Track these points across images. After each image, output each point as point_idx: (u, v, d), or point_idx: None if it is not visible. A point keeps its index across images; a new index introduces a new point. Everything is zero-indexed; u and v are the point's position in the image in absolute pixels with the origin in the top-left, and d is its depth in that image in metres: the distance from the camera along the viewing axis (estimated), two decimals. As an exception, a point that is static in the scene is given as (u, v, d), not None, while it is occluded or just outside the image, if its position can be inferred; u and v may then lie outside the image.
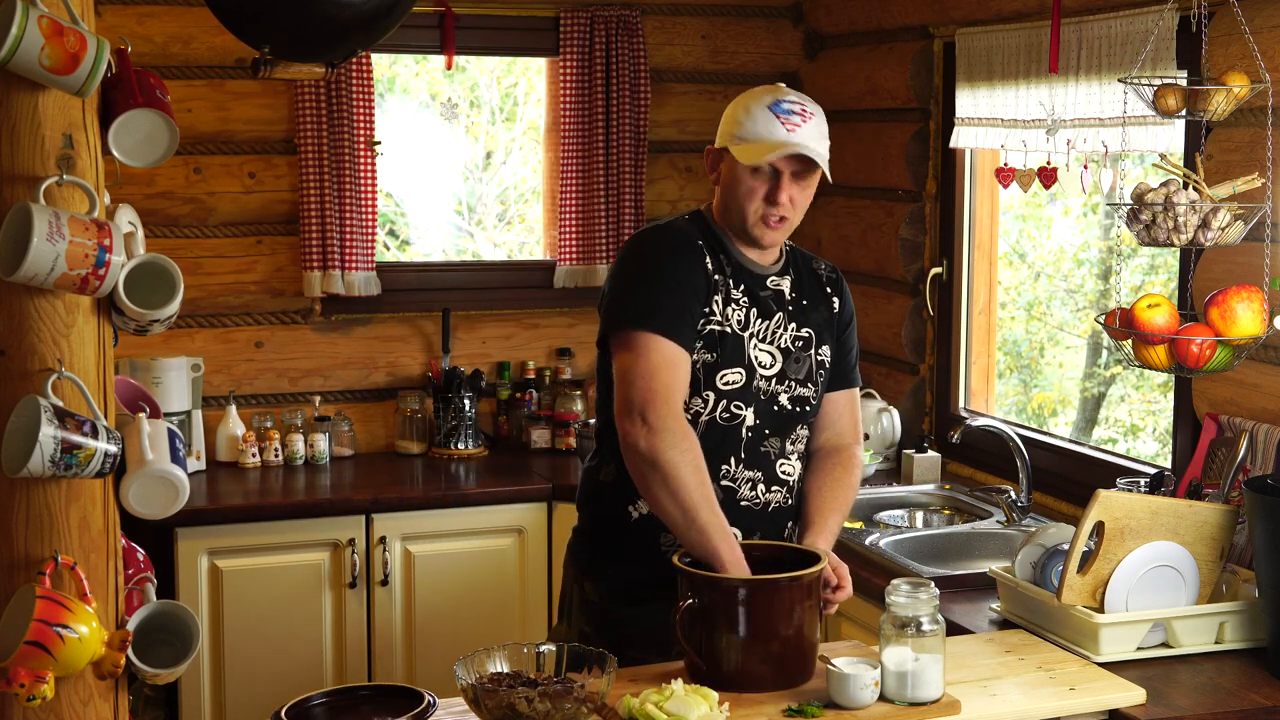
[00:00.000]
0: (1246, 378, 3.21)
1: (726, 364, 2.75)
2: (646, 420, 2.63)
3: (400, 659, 4.30)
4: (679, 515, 2.62)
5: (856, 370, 2.98)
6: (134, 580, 2.29)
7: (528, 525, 4.38)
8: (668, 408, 2.64)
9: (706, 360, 2.74)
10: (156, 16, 4.51)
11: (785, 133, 2.71)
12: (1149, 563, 2.84)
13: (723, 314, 2.76)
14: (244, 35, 2.36)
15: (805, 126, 2.73)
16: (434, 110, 6.13)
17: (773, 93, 2.77)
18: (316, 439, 4.58)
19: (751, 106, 2.74)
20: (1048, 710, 2.57)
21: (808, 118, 2.74)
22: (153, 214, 4.50)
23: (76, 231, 2.02)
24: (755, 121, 2.73)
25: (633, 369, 2.67)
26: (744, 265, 2.81)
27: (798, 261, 2.90)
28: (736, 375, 2.76)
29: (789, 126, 2.71)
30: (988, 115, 4.05)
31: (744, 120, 2.74)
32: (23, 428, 2.03)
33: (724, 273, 2.78)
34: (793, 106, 2.73)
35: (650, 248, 2.82)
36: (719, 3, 5.07)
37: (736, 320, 2.77)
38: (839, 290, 2.95)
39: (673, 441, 2.61)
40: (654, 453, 2.61)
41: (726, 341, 2.75)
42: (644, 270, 2.77)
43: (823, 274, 2.94)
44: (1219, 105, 2.97)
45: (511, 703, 2.29)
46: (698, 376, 2.73)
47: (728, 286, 2.77)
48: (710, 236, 2.81)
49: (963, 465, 4.34)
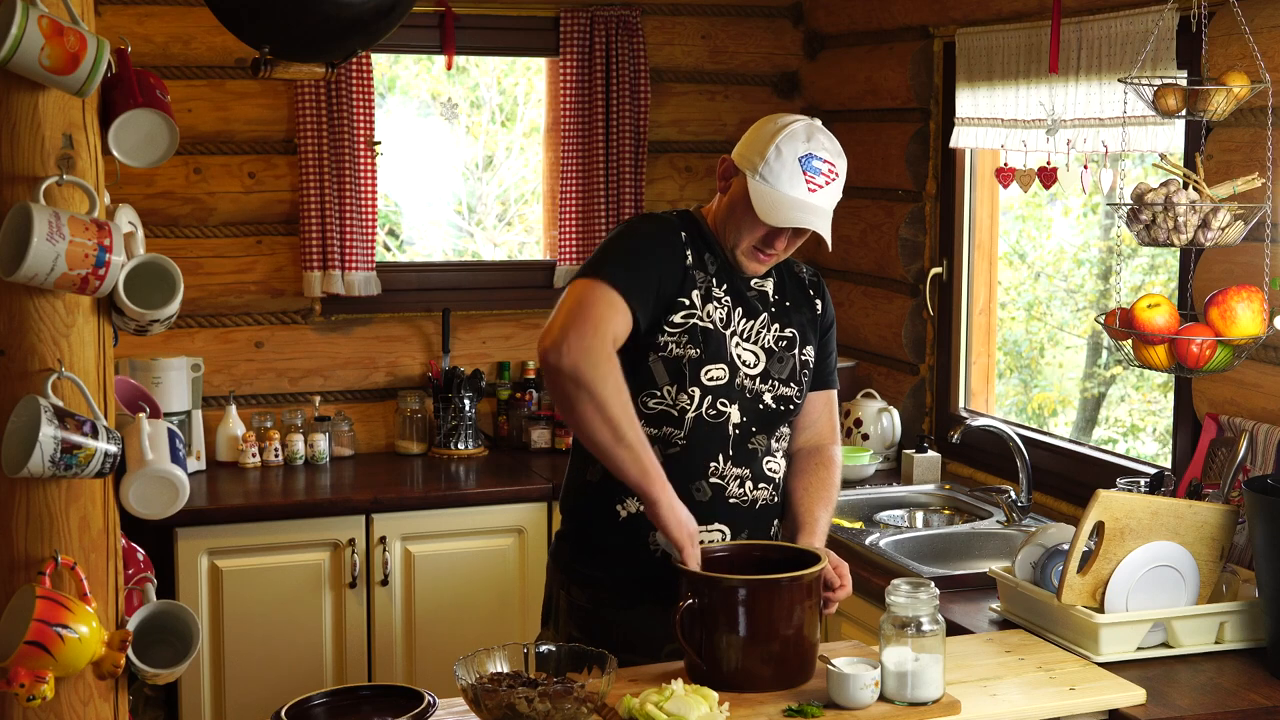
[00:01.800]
0: (1246, 378, 3.21)
1: (710, 360, 2.76)
2: (569, 340, 2.60)
3: (400, 659, 4.30)
4: (607, 433, 2.62)
5: (836, 374, 3.01)
6: (134, 580, 2.29)
7: (528, 525, 4.38)
8: (595, 335, 2.61)
9: (691, 355, 2.74)
10: (156, 16, 4.51)
11: (806, 192, 2.69)
12: (1149, 563, 2.84)
13: (703, 310, 2.76)
14: (244, 35, 2.36)
15: (826, 190, 2.71)
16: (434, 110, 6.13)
17: (808, 139, 2.72)
18: (316, 439, 4.58)
19: (784, 150, 2.70)
20: (1048, 710, 2.57)
21: (831, 179, 2.72)
22: (153, 214, 4.50)
23: (76, 231, 2.02)
24: (783, 168, 2.69)
25: (568, 301, 2.67)
26: (728, 266, 2.82)
27: (780, 264, 2.91)
28: (720, 371, 2.77)
29: (812, 186, 2.69)
30: (988, 115, 4.05)
31: (772, 161, 2.70)
32: (23, 428, 2.03)
33: (706, 270, 2.79)
34: (821, 166, 2.70)
35: (631, 229, 2.85)
36: (719, 3, 5.07)
37: (719, 317, 2.78)
38: (820, 293, 2.96)
39: (597, 361, 2.60)
40: (576, 370, 2.59)
41: (710, 338, 2.76)
42: (613, 243, 2.80)
43: (804, 277, 2.96)
44: (1219, 105, 2.97)
45: (511, 703, 2.29)
46: (683, 371, 2.74)
47: (709, 283, 2.78)
48: (696, 233, 2.82)
49: (963, 465, 4.34)
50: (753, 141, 2.76)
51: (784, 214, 2.69)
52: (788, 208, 2.69)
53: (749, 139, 2.77)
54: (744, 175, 2.74)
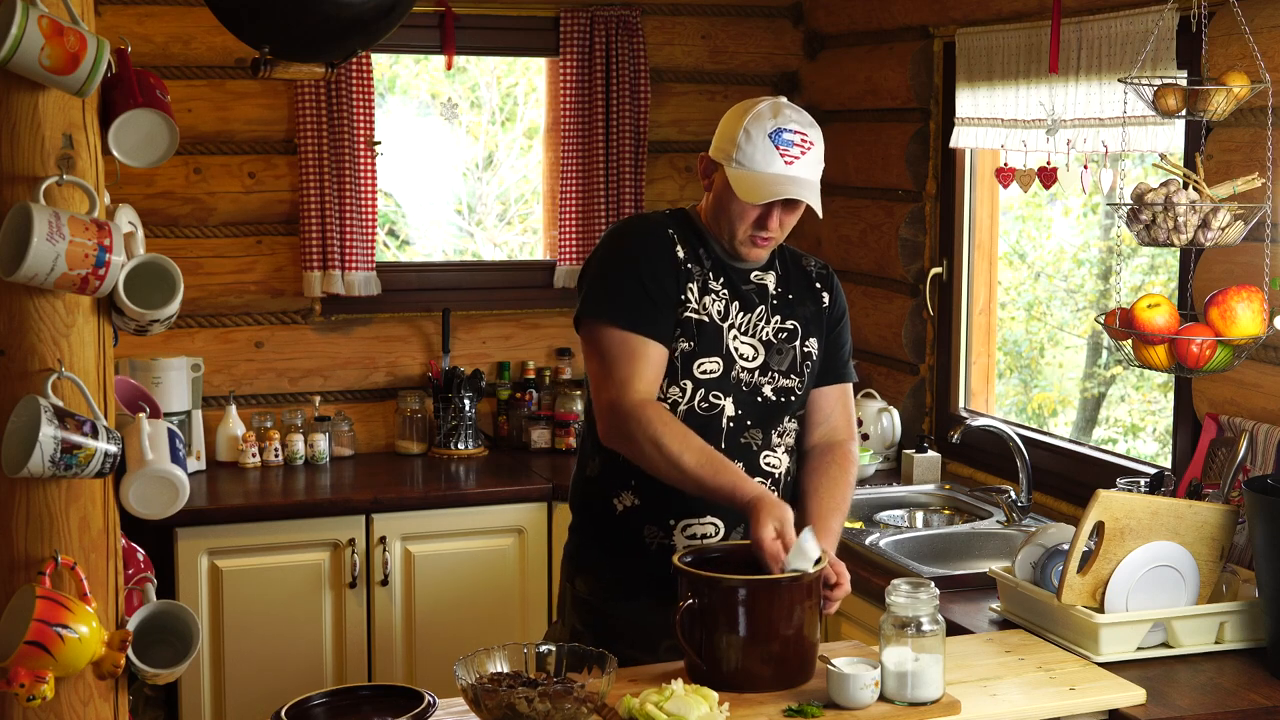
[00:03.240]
0: (1246, 378, 3.21)
1: (704, 353, 2.77)
2: (614, 408, 2.69)
3: (400, 659, 4.30)
4: (674, 473, 2.64)
5: (850, 366, 2.99)
6: (134, 580, 2.29)
7: (528, 525, 4.38)
8: (623, 393, 2.69)
9: (684, 349, 2.75)
10: (156, 16, 4.51)
11: (783, 165, 2.70)
12: (1149, 563, 2.84)
13: (699, 303, 2.77)
14: (244, 35, 2.36)
15: (804, 159, 2.71)
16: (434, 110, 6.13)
17: (775, 115, 2.73)
18: (316, 439, 4.58)
19: (753, 131, 2.71)
20: (1048, 710, 2.57)
21: (806, 148, 2.72)
22: (153, 214, 4.50)
23: (76, 231, 2.01)
24: (755, 149, 2.70)
25: (593, 364, 2.76)
26: (724, 260, 2.82)
27: (785, 258, 2.91)
28: (714, 365, 2.78)
29: (787, 159, 2.70)
30: (988, 115, 4.05)
31: (744, 145, 2.71)
32: (23, 428, 2.03)
33: (701, 264, 2.79)
34: (793, 137, 2.71)
35: (619, 237, 2.87)
36: (719, 3, 5.07)
37: (716, 311, 2.78)
38: (829, 286, 2.95)
39: (629, 415, 2.67)
40: (623, 434, 2.67)
41: (705, 330, 2.77)
42: (610, 260, 2.81)
43: (812, 270, 2.95)
44: (1219, 105, 2.97)
45: (511, 703, 2.29)
46: (675, 365, 2.75)
47: (705, 276, 2.79)
48: (689, 230, 2.83)
49: (963, 465, 4.34)
50: (723, 131, 2.79)
51: (765, 189, 2.70)
52: (769, 184, 2.70)
53: (720, 130, 2.80)
54: (722, 167, 2.76)
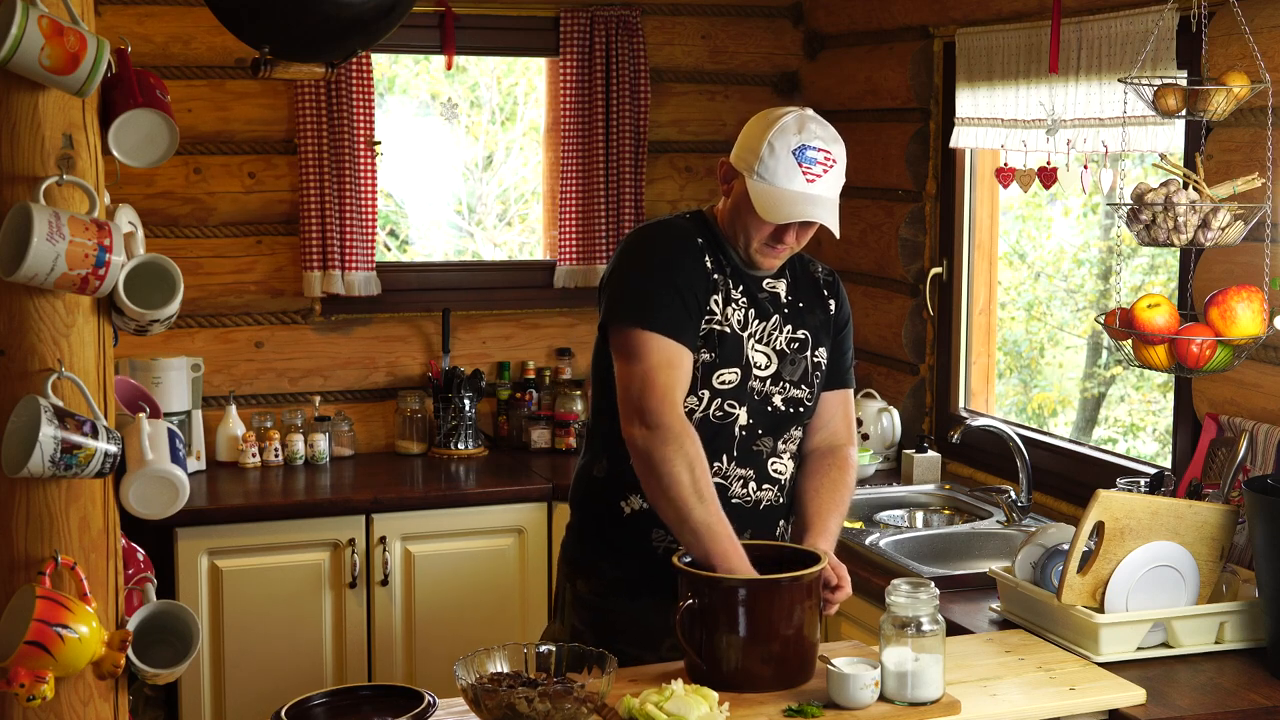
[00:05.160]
0: (1246, 378, 3.21)
1: (724, 364, 2.76)
2: (644, 419, 2.64)
3: (400, 659, 4.30)
4: (673, 514, 2.62)
5: (851, 372, 2.99)
6: (134, 580, 2.29)
7: (528, 525, 4.38)
8: (664, 405, 2.65)
9: (704, 360, 2.74)
10: (156, 16, 4.51)
11: (804, 183, 2.67)
12: (1149, 563, 2.84)
13: (723, 313, 2.76)
14: (244, 35, 2.36)
15: (826, 177, 2.69)
16: (434, 110, 6.13)
17: (800, 131, 2.69)
18: (316, 439, 4.58)
19: (776, 145, 2.68)
20: (1048, 710, 2.57)
21: (830, 166, 2.69)
22: (153, 214, 4.50)
23: (76, 231, 2.02)
24: (778, 163, 2.67)
25: (631, 370, 2.69)
26: (741, 267, 2.81)
27: (794, 264, 2.90)
28: (732, 375, 2.77)
29: (810, 176, 2.67)
30: (988, 115, 4.05)
31: (766, 159, 2.68)
32: (23, 428, 2.03)
33: (724, 272, 2.78)
34: (816, 155, 2.68)
35: (651, 245, 2.82)
36: (719, 3, 5.07)
37: (737, 320, 2.77)
38: (835, 292, 2.95)
39: (667, 438, 2.62)
40: (649, 450, 2.63)
41: (726, 341, 2.76)
42: (645, 267, 2.77)
43: (819, 276, 2.94)
44: (1219, 105, 2.97)
45: (511, 703, 2.29)
46: (695, 375, 2.74)
47: (728, 286, 2.78)
48: (710, 237, 2.81)
49: (963, 465, 4.34)
50: (746, 141, 2.75)
51: (785, 210, 2.69)
52: (789, 203, 2.68)
53: (743, 139, 2.77)
54: (743, 176, 2.74)
